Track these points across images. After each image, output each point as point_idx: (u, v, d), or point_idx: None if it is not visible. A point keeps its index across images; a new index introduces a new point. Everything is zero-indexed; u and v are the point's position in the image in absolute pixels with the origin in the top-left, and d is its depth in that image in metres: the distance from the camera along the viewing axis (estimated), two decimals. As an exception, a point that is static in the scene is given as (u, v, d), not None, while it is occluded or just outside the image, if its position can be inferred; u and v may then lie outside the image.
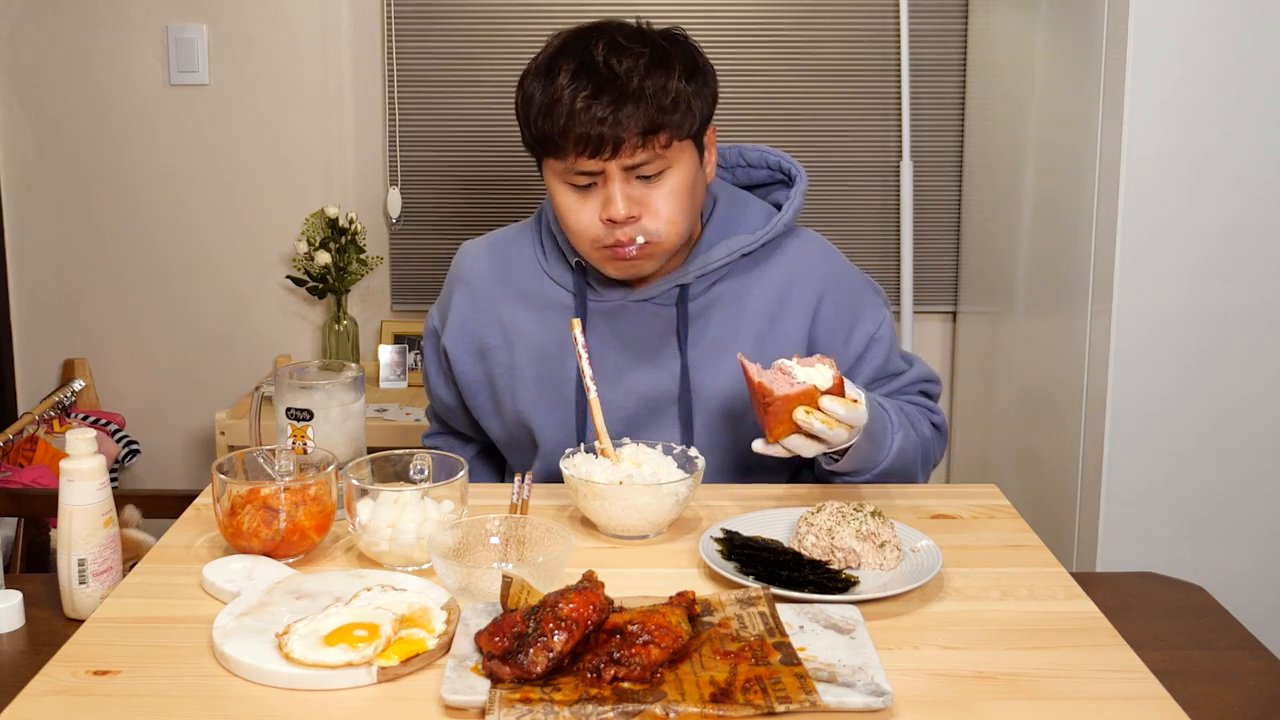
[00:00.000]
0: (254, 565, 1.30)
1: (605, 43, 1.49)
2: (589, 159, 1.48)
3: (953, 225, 3.06)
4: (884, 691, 1.03)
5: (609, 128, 1.46)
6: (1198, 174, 2.09)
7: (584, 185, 1.52)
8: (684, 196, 1.53)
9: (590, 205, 1.53)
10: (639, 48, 1.49)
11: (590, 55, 1.48)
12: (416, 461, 1.42)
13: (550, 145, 1.51)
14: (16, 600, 1.31)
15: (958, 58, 2.98)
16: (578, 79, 1.47)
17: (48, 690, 1.08)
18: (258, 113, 3.00)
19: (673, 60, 1.50)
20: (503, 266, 1.70)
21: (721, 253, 1.62)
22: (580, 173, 1.51)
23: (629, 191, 1.51)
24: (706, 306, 1.63)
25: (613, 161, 1.48)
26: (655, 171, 1.51)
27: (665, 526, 1.43)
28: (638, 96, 1.46)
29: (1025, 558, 1.37)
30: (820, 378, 1.39)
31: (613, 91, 1.46)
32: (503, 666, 1.05)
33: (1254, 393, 2.16)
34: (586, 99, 1.46)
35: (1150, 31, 2.06)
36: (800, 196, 1.66)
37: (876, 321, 1.66)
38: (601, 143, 1.46)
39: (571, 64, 1.49)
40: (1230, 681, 1.23)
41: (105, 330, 3.10)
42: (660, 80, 1.47)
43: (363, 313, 3.10)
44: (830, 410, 1.37)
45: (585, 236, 1.54)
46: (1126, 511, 2.19)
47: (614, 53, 1.48)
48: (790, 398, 1.37)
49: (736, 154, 1.74)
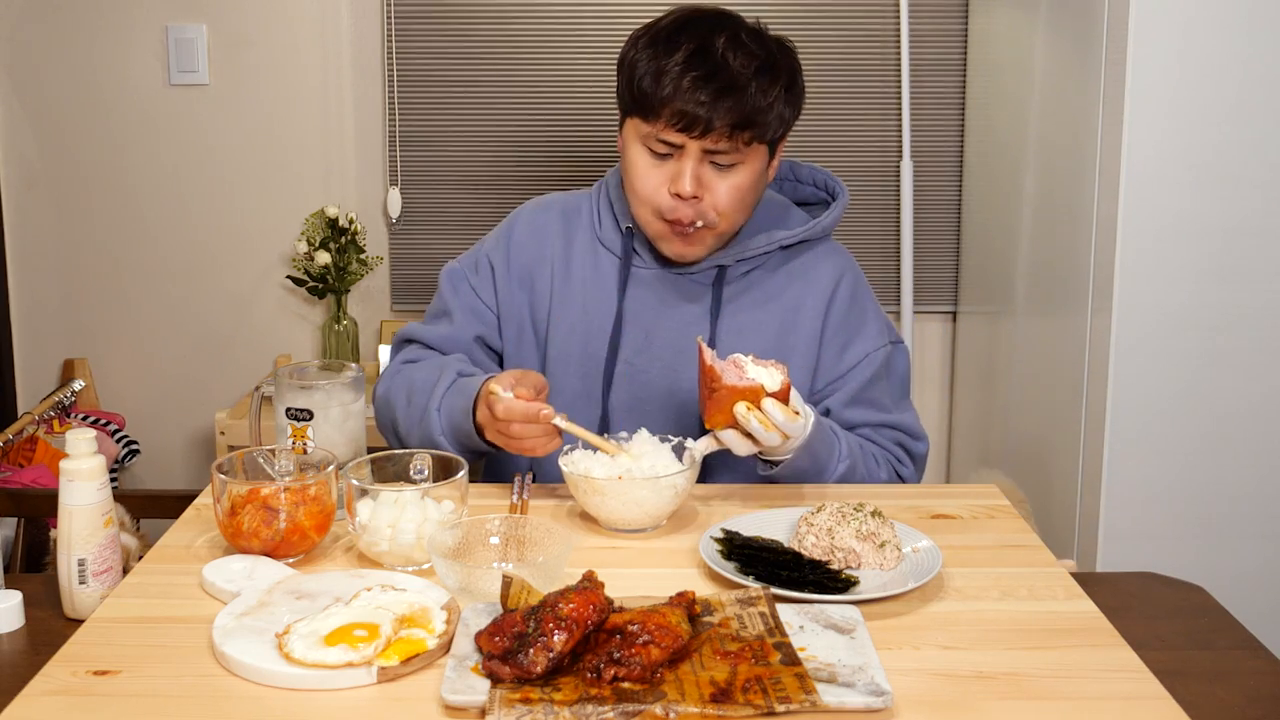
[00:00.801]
0: (254, 565, 1.30)
1: (728, 36, 1.58)
2: (677, 132, 1.57)
3: (953, 225, 3.06)
4: (884, 691, 1.03)
5: (705, 110, 1.55)
6: (1198, 174, 2.09)
7: (662, 154, 1.60)
8: (746, 192, 1.62)
9: (660, 173, 1.61)
10: (756, 50, 1.59)
11: (711, 42, 1.57)
12: (416, 461, 1.42)
13: (646, 108, 1.59)
14: (16, 600, 1.31)
15: (958, 58, 2.98)
16: (693, 60, 1.56)
17: (48, 690, 1.08)
18: (258, 113, 3.00)
19: (780, 71, 1.60)
20: (561, 224, 1.77)
21: (762, 242, 1.70)
22: (663, 141, 1.59)
23: (700, 172, 1.59)
24: (740, 292, 1.71)
25: (697, 141, 1.57)
26: (729, 163, 1.59)
27: (665, 519, 1.43)
28: (740, 93, 1.55)
29: (1025, 558, 1.37)
30: (769, 379, 1.44)
31: (720, 81, 1.55)
32: (503, 666, 1.05)
33: (1254, 393, 2.16)
34: (695, 79, 1.55)
35: (1150, 31, 2.06)
36: (841, 209, 1.76)
37: (875, 344, 1.73)
38: (694, 122, 1.55)
39: (692, 44, 1.58)
40: (1230, 681, 1.23)
41: (105, 330, 3.10)
42: (764, 85, 1.57)
43: (363, 313, 3.10)
44: (769, 413, 1.42)
45: (648, 202, 1.63)
46: (1126, 511, 2.19)
47: (732, 47, 1.57)
48: (736, 389, 1.42)
49: (788, 167, 1.83)
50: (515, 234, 1.78)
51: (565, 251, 1.75)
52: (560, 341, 1.72)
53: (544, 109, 2.98)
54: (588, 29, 2.96)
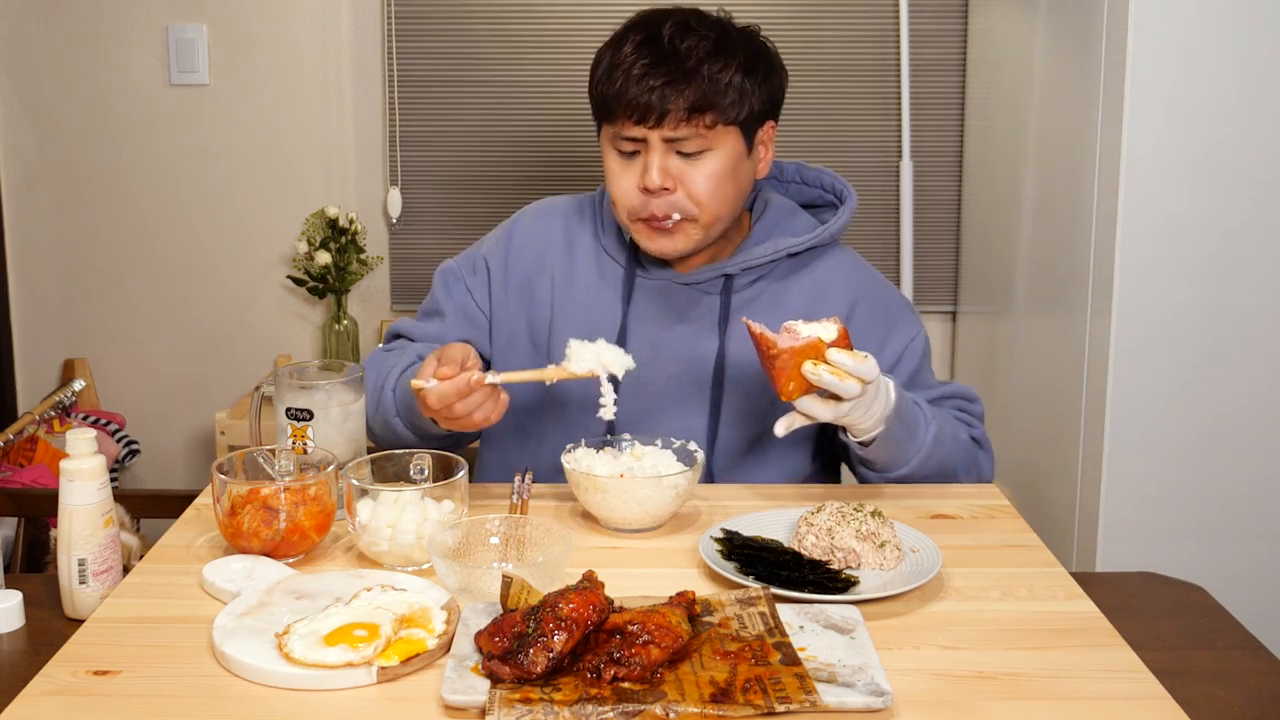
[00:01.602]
0: (254, 565, 1.30)
1: (675, 22, 1.58)
2: (634, 124, 1.55)
3: (953, 225, 3.06)
4: (884, 691, 1.03)
5: (656, 98, 1.53)
6: (1198, 174, 2.09)
7: (629, 152, 1.59)
8: (722, 180, 1.58)
9: (632, 172, 1.59)
10: (705, 31, 1.57)
11: (658, 30, 1.57)
12: (416, 461, 1.42)
13: (605, 108, 1.59)
14: (16, 600, 1.31)
15: (958, 58, 2.98)
16: (640, 49, 1.56)
17: (48, 690, 1.08)
18: (258, 113, 3.00)
19: (735, 50, 1.57)
20: (563, 229, 1.75)
21: (768, 250, 1.66)
22: (626, 138, 1.58)
23: (667, 164, 1.57)
24: (748, 301, 1.67)
25: (655, 131, 1.55)
26: (695, 150, 1.56)
27: (666, 519, 1.43)
28: (691, 75, 1.53)
29: (1025, 558, 1.37)
30: (825, 331, 1.40)
31: (668, 65, 1.53)
32: (503, 666, 1.05)
33: (1254, 393, 2.16)
34: (644, 68, 1.54)
35: (1150, 31, 2.06)
36: (849, 214, 1.71)
37: (909, 335, 1.69)
38: (648, 110, 1.53)
39: (639, 36, 1.57)
40: (1230, 681, 1.23)
41: (105, 330, 3.10)
42: (717, 65, 1.55)
43: (363, 313, 3.10)
44: (837, 361, 1.38)
45: (624, 204, 1.61)
46: (1126, 511, 2.19)
47: (679, 32, 1.56)
48: (795, 350, 1.38)
49: (795, 170, 1.79)
50: (515, 239, 1.75)
51: (567, 259, 1.72)
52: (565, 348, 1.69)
53: (544, 109, 2.98)
54: (588, 29, 2.95)
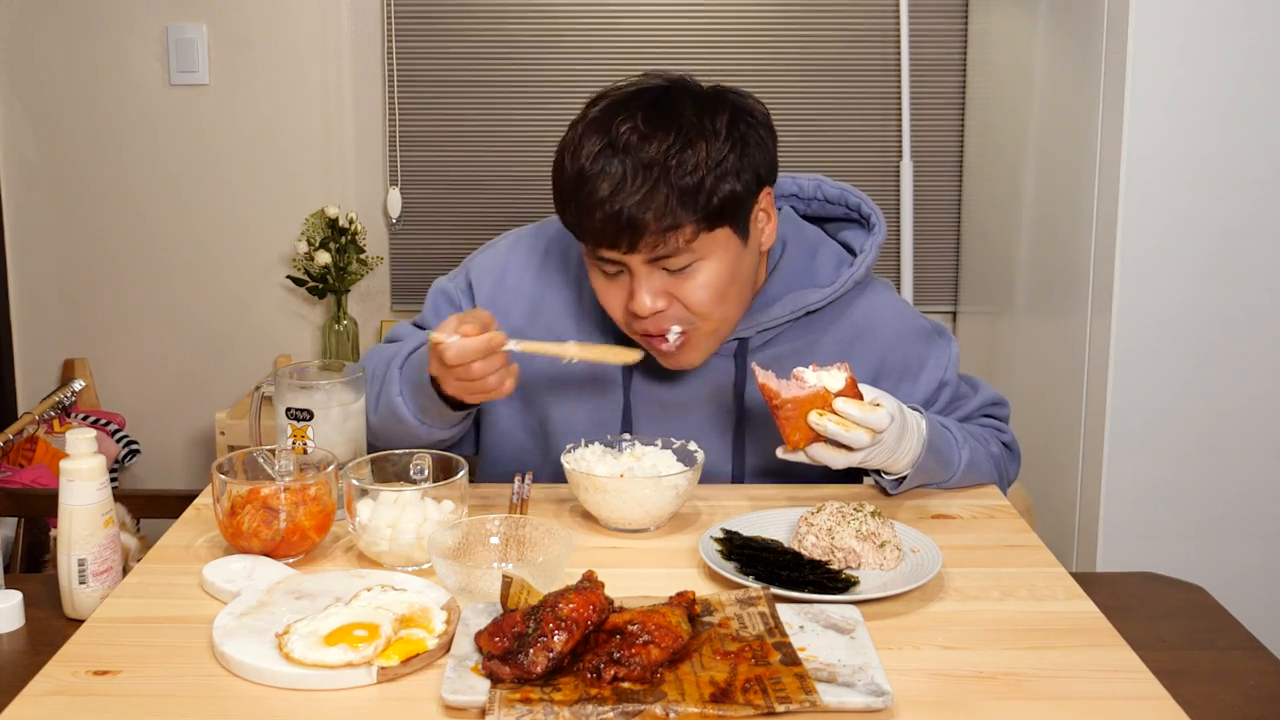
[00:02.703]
0: (254, 565, 1.29)
1: (629, 126, 1.36)
2: (608, 249, 1.39)
3: (953, 225, 3.06)
4: (884, 691, 1.03)
5: (625, 223, 1.34)
6: (1198, 174, 2.09)
7: (612, 273, 1.43)
8: (721, 287, 1.42)
9: (619, 290, 1.43)
10: (665, 131, 1.36)
11: (612, 137, 1.36)
12: (416, 461, 1.42)
13: (574, 229, 1.42)
14: (16, 600, 1.31)
15: (958, 58, 2.98)
16: (598, 163, 1.36)
17: (48, 690, 1.08)
18: (258, 113, 3.00)
19: (701, 141, 1.36)
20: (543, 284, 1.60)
21: (787, 308, 1.53)
22: (605, 260, 1.41)
23: (654, 284, 1.40)
24: (767, 363, 1.49)
25: (633, 256, 1.38)
26: (683, 265, 1.39)
27: (665, 519, 1.43)
28: (656, 189, 1.34)
29: (1025, 558, 1.37)
30: (831, 380, 1.38)
31: (633, 183, 1.34)
32: (503, 666, 1.05)
33: (1254, 393, 2.16)
34: (606, 190, 1.35)
35: (1150, 31, 2.06)
36: (875, 250, 1.56)
37: (942, 366, 1.60)
38: (618, 236, 1.36)
39: (594, 145, 1.37)
40: (1230, 681, 1.23)
41: (105, 330, 3.10)
42: (687, 169, 1.35)
43: (363, 313, 3.10)
44: (844, 411, 1.35)
45: (621, 320, 1.47)
46: (1126, 511, 2.19)
47: (636, 137, 1.36)
48: (800, 400, 1.36)
49: (815, 186, 1.64)
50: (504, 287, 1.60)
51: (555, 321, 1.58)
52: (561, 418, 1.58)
53: (544, 109, 2.98)
54: (588, 29, 2.96)
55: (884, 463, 1.43)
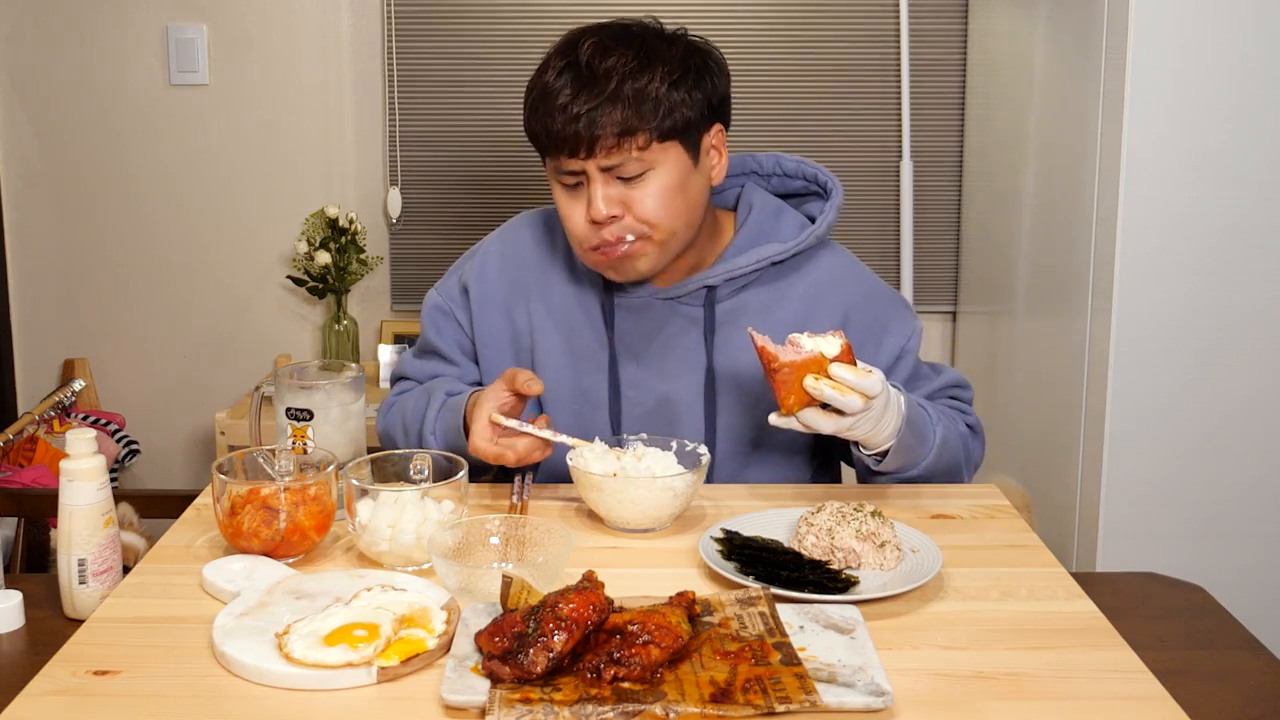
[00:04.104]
0: (254, 565, 1.30)
1: (592, 43, 1.51)
2: (568, 158, 1.51)
3: (953, 225, 3.06)
4: (884, 691, 1.03)
5: (584, 127, 1.48)
6: (1198, 174, 2.09)
7: (571, 185, 1.54)
8: (670, 197, 1.52)
9: (579, 205, 1.54)
10: (624, 49, 1.51)
11: (576, 55, 1.51)
12: (416, 461, 1.42)
13: (539, 142, 1.55)
14: (16, 600, 1.31)
15: (958, 58, 2.98)
16: (562, 77, 1.50)
17: (48, 690, 1.08)
18: (258, 113, 3.00)
19: (658, 62, 1.51)
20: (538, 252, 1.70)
21: (752, 258, 1.61)
22: (565, 172, 1.53)
23: (609, 192, 1.51)
24: (734, 312, 1.63)
25: (590, 161, 1.50)
26: (635, 173, 1.51)
27: (667, 521, 1.43)
28: (614, 98, 1.48)
29: (1025, 558, 1.37)
30: (827, 346, 1.39)
31: (590, 91, 1.48)
32: (503, 666, 1.05)
33: (1254, 393, 2.16)
34: (567, 97, 1.49)
35: (1150, 31, 2.06)
36: (835, 211, 1.66)
37: (905, 335, 1.65)
38: (577, 142, 1.49)
39: (560, 62, 1.52)
40: (1230, 681, 1.23)
41: (105, 330, 3.10)
42: (641, 82, 1.48)
43: (363, 313, 3.10)
44: (839, 376, 1.37)
45: (578, 238, 1.56)
46: (1126, 511, 2.19)
47: (598, 53, 1.50)
48: (797, 365, 1.38)
49: (774, 162, 1.74)
50: (488, 270, 1.71)
51: (542, 282, 1.68)
52: (550, 377, 1.65)
53: (544, 109, 2.98)
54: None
55: (867, 433, 1.43)
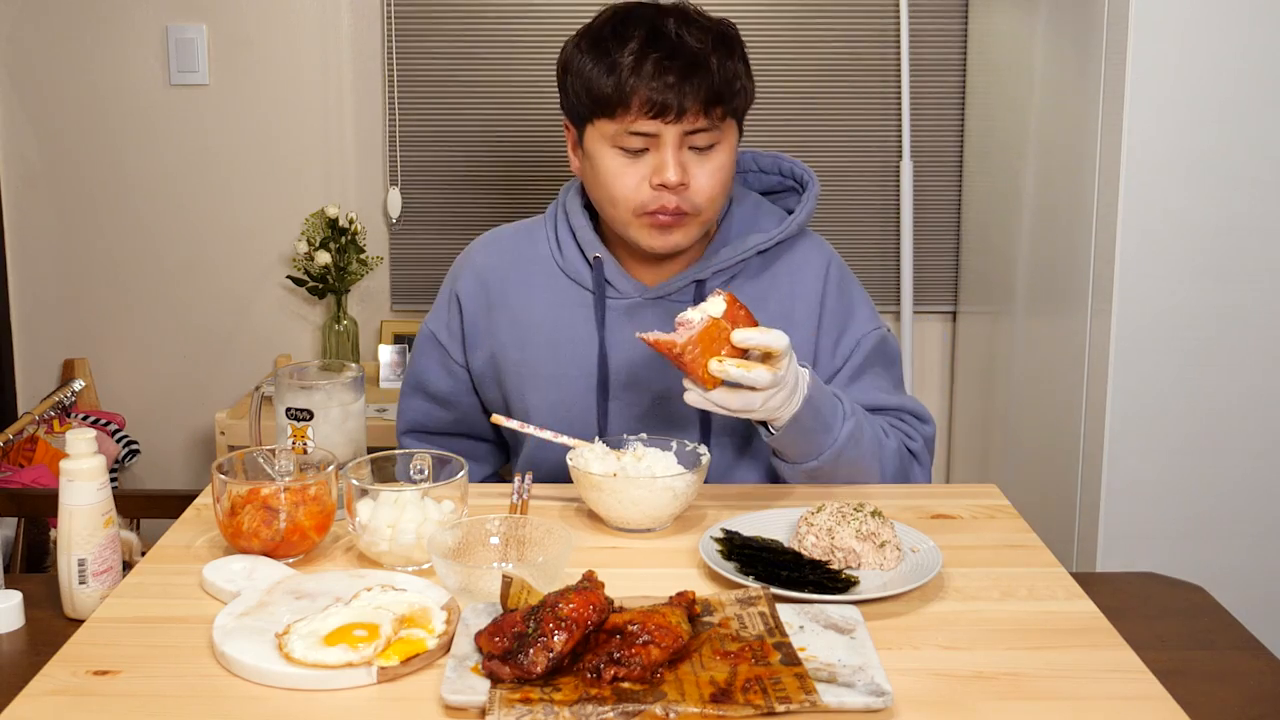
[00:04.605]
0: (254, 565, 1.29)
1: (675, 17, 1.55)
2: (650, 119, 1.52)
3: (953, 225, 3.06)
4: (884, 691, 1.03)
5: (675, 92, 1.50)
6: (1197, 173, 2.09)
7: (636, 149, 1.54)
8: (727, 174, 1.58)
9: (638, 169, 1.55)
10: (706, 24, 1.56)
11: (661, 26, 1.54)
12: (416, 461, 1.42)
13: (611, 104, 1.53)
14: (16, 600, 1.31)
15: (958, 58, 2.98)
16: (650, 44, 1.52)
17: (48, 690, 1.08)
18: (258, 113, 3.00)
19: (734, 43, 1.57)
20: (514, 260, 1.70)
21: (738, 249, 1.65)
22: (636, 134, 1.53)
23: (680, 158, 1.54)
24: None
25: (674, 126, 1.52)
26: (708, 143, 1.55)
27: (667, 521, 1.43)
28: (706, 68, 1.51)
29: (1025, 558, 1.37)
30: (713, 308, 1.40)
31: (684, 59, 1.51)
32: (503, 666, 1.05)
33: (1254, 392, 2.16)
34: (658, 61, 1.50)
35: (1150, 31, 2.06)
36: (813, 200, 1.69)
37: (863, 330, 1.68)
38: (666, 106, 1.51)
39: (641, 31, 1.53)
40: (1230, 681, 1.23)
41: (105, 330, 3.10)
42: (724, 57, 1.54)
43: (363, 313, 3.10)
44: (744, 338, 1.38)
45: (630, 202, 1.56)
46: (1126, 511, 2.19)
47: (683, 25, 1.54)
48: (697, 339, 1.38)
49: (750, 158, 1.77)
50: (464, 287, 1.71)
51: (524, 293, 1.68)
52: (538, 397, 1.65)
53: (544, 109, 2.98)
54: (588, 29, 2.95)
55: (776, 410, 1.44)
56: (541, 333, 1.66)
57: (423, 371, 1.76)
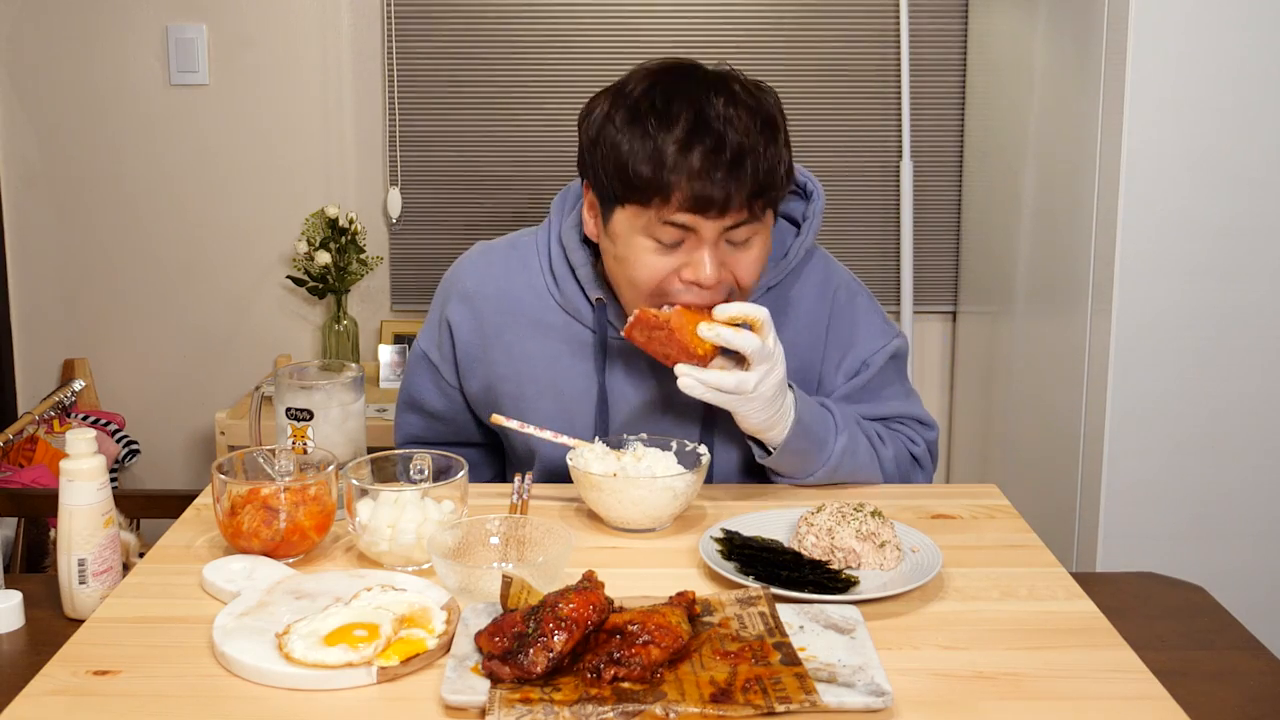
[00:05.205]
0: (254, 565, 1.30)
1: (721, 95, 1.41)
2: (690, 214, 1.41)
3: (953, 225, 3.06)
4: (884, 691, 1.03)
5: (721, 190, 1.38)
6: (1197, 174, 2.09)
7: (673, 241, 1.43)
8: (763, 260, 1.49)
9: (670, 260, 1.44)
10: (749, 102, 1.43)
11: (706, 107, 1.40)
12: (416, 461, 1.42)
13: (648, 194, 1.41)
14: (16, 600, 1.31)
15: (958, 58, 2.98)
16: (696, 133, 1.39)
17: (48, 690, 1.08)
18: (258, 113, 3.00)
19: (776, 119, 1.45)
20: (507, 288, 1.62)
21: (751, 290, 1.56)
22: (673, 225, 1.42)
23: (718, 255, 1.44)
24: None
25: (716, 222, 1.41)
26: (746, 236, 1.44)
27: (667, 521, 1.43)
28: (753, 160, 1.40)
29: (1025, 558, 1.37)
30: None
31: (731, 152, 1.39)
32: (503, 666, 1.05)
33: (1254, 392, 2.16)
34: (705, 155, 1.38)
35: (1150, 31, 2.06)
36: (818, 217, 1.61)
37: (874, 347, 1.65)
38: (710, 203, 1.39)
39: (687, 113, 1.40)
40: (1230, 681, 1.23)
41: (105, 330, 3.10)
42: (768, 143, 1.42)
43: (363, 313, 3.10)
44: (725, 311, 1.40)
45: (655, 292, 1.46)
46: (1126, 511, 2.19)
47: (732, 105, 1.41)
48: (679, 311, 1.41)
49: None
50: (455, 314, 1.63)
51: (519, 327, 1.61)
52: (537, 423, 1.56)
53: (544, 109, 2.98)
54: (588, 29, 2.95)
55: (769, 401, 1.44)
56: (539, 369, 1.61)
57: (417, 390, 1.73)
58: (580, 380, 1.60)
